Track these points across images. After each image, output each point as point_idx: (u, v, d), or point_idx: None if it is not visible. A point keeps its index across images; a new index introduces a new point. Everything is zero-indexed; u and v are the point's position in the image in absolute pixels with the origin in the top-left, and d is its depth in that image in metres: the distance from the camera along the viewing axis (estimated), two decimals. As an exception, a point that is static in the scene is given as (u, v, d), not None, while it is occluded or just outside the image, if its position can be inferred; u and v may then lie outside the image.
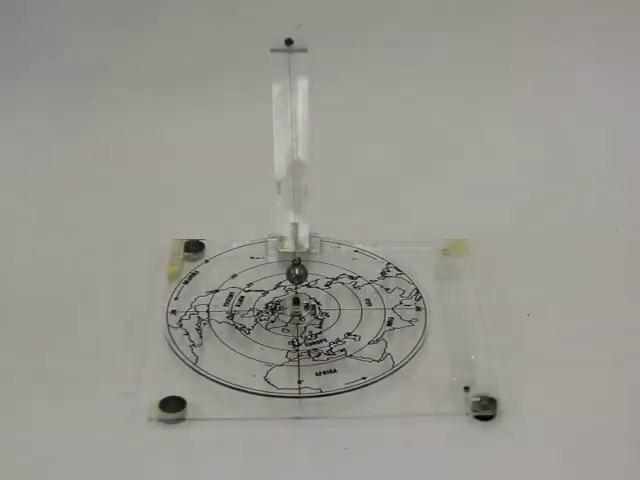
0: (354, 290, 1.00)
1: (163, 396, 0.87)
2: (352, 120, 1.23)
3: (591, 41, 1.27)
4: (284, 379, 0.90)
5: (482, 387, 0.88)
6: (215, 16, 1.28)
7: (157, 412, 0.86)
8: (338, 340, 0.94)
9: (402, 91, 1.26)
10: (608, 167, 1.19)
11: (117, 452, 0.84)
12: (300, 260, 0.97)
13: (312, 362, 0.92)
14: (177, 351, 0.93)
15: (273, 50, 0.91)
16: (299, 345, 0.94)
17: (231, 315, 0.97)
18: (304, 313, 0.97)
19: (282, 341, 0.94)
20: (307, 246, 1.03)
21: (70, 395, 0.88)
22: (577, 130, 1.24)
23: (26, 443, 0.84)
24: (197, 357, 0.92)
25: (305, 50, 0.91)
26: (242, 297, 0.99)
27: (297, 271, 0.96)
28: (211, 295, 0.99)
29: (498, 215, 1.11)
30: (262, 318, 0.97)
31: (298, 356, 0.92)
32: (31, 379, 0.89)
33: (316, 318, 0.97)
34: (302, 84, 0.93)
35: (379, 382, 0.90)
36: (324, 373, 0.91)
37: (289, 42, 0.91)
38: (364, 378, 0.90)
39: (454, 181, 1.16)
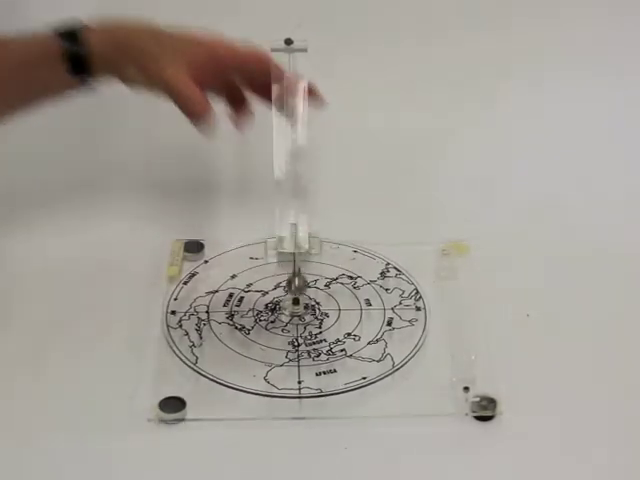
0: (354, 290, 1.00)
1: (163, 397, 0.87)
2: (352, 120, 1.23)
3: (592, 42, 1.27)
4: (284, 379, 0.90)
5: (482, 387, 0.88)
6: (215, 15, 1.28)
7: (157, 412, 0.86)
8: (338, 340, 0.94)
9: (402, 91, 1.26)
10: (608, 168, 1.18)
11: (117, 452, 0.84)
12: (300, 271, 0.96)
13: (312, 362, 0.92)
14: (177, 351, 0.93)
15: (273, 50, 0.91)
16: (299, 345, 0.94)
17: (231, 315, 0.97)
18: (303, 312, 0.97)
19: (282, 341, 0.94)
20: (306, 246, 1.03)
21: (70, 395, 0.88)
22: (577, 131, 1.23)
23: (26, 443, 0.84)
24: (197, 357, 0.92)
25: (305, 50, 0.91)
26: (242, 297, 0.99)
27: (297, 282, 0.96)
28: (211, 296, 0.99)
29: (498, 216, 1.11)
30: (262, 318, 0.97)
31: (298, 356, 0.92)
32: (31, 379, 0.89)
33: (316, 318, 0.97)
34: (302, 84, 0.93)
35: (379, 382, 0.90)
36: (324, 373, 0.91)
37: (289, 42, 0.91)
38: (364, 378, 0.90)
39: (454, 182, 1.16)
